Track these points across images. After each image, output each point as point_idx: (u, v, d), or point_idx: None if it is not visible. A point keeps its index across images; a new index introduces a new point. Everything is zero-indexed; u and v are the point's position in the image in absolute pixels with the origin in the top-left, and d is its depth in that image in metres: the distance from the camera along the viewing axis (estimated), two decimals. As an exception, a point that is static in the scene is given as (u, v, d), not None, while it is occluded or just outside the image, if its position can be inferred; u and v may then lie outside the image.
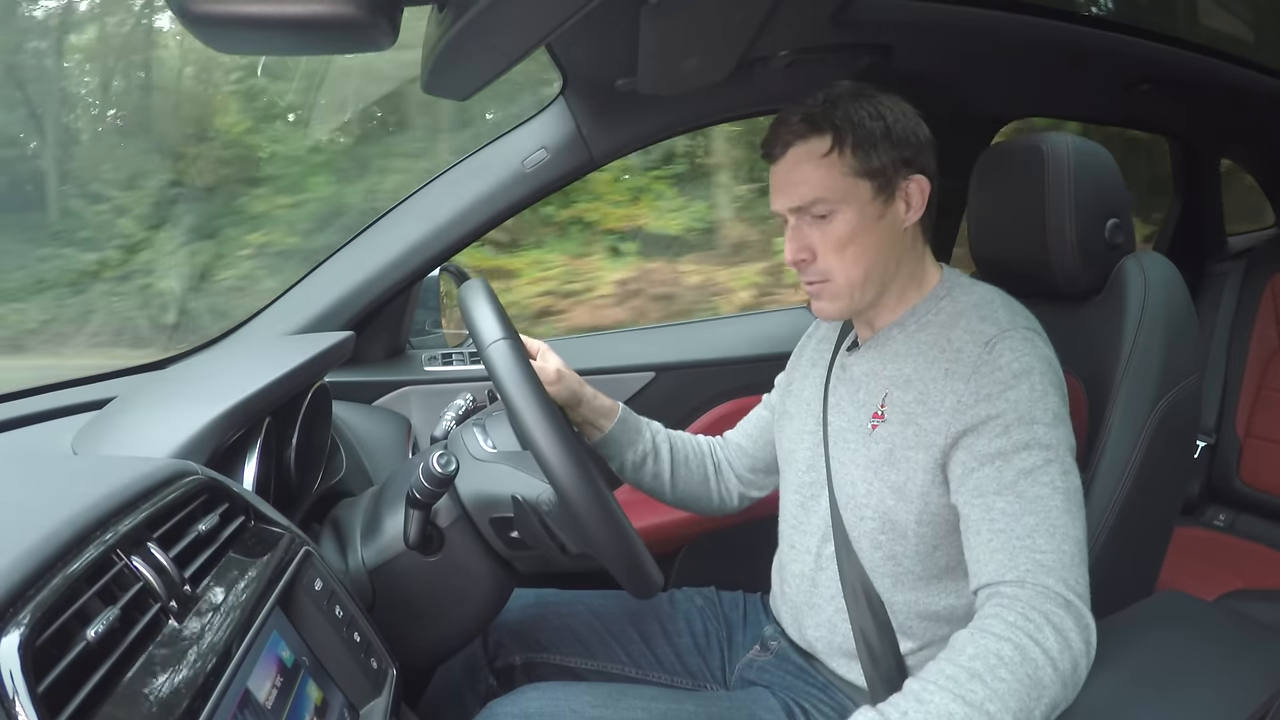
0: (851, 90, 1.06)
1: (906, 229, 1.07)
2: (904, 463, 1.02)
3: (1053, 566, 0.86)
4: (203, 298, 3.38)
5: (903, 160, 1.04)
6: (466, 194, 1.60)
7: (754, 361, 1.87)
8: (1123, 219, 1.24)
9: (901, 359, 1.07)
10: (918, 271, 1.10)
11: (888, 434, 1.04)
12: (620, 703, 1.06)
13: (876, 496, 1.04)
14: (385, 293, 1.62)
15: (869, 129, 1.03)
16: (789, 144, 1.05)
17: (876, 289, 1.07)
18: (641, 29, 1.15)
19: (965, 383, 0.97)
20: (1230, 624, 1.05)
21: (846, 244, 1.04)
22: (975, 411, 0.95)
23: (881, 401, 1.06)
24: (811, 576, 1.14)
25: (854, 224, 1.03)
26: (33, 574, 0.56)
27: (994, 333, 0.99)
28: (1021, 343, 0.98)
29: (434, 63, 0.80)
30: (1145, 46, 1.55)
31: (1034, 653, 0.81)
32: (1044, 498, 0.90)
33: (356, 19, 0.60)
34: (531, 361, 1.02)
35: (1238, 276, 2.23)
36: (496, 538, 1.04)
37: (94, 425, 1.07)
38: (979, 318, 1.02)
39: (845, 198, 1.03)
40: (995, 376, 0.96)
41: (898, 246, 1.07)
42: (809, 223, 1.05)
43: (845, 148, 1.03)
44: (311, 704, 0.75)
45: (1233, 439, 2.13)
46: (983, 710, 0.77)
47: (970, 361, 0.98)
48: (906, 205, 1.06)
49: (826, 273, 1.06)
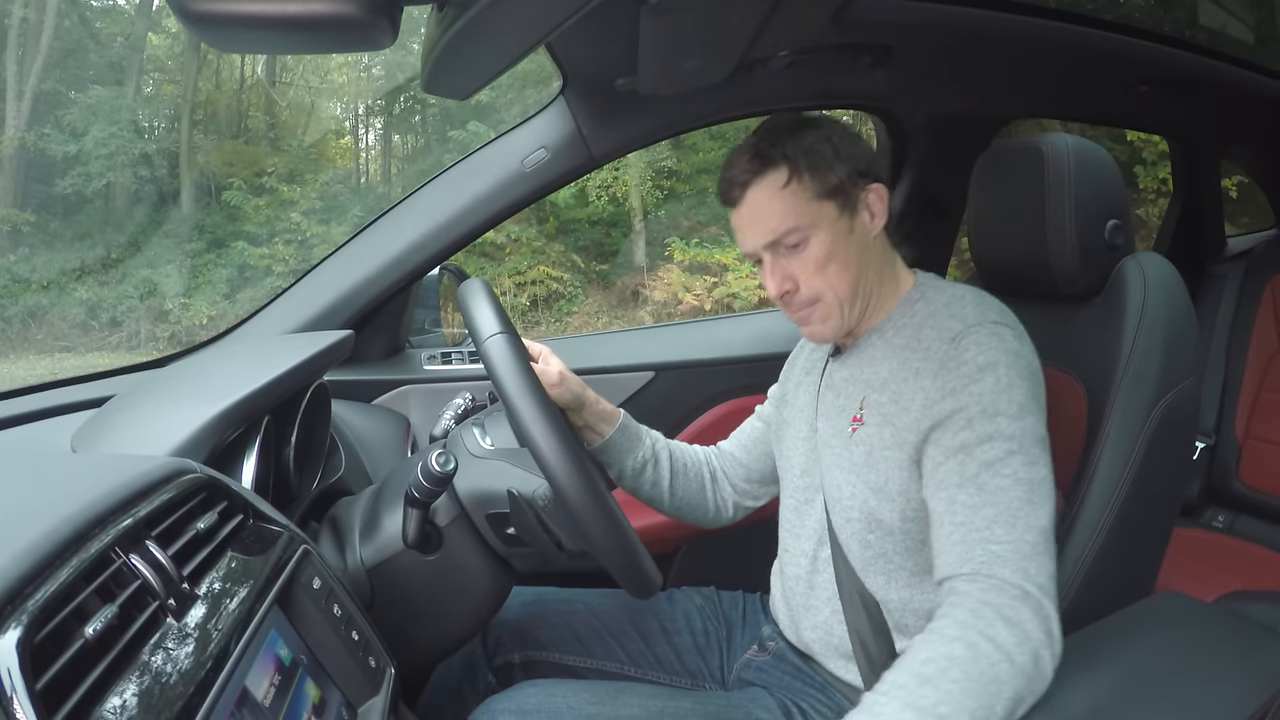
0: (786, 123, 1.08)
1: (875, 237, 1.09)
2: (882, 463, 1.03)
3: (1009, 558, 0.87)
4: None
5: (857, 173, 1.07)
6: (466, 193, 1.60)
7: (753, 361, 1.87)
8: (1122, 220, 1.24)
9: (878, 363, 1.08)
10: (890, 278, 1.12)
11: (865, 436, 1.05)
12: (617, 700, 1.07)
13: (860, 498, 1.06)
14: (385, 292, 1.62)
15: (818, 152, 1.05)
16: (746, 184, 1.07)
17: (863, 301, 1.09)
18: (641, 29, 1.15)
19: (932, 379, 0.99)
20: (1229, 625, 1.05)
21: (826, 263, 1.06)
22: (941, 406, 0.97)
23: (860, 405, 1.08)
24: (808, 579, 1.15)
25: (828, 244, 1.05)
26: (31, 571, 0.57)
27: (960, 329, 1.00)
28: (988, 337, 0.99)
29: (434, 62, 0.80)
30: (1145, 47, 1.55)
31: (986, 649, 0.81)
32: (1005, 489, 0.91)
33: (356, 18, 0.60)
34: (534, 365, 1.03)
35: (1237, 278, 2.23)
36: (493, 534, 1.04)
37: (93, 423, 1.07)
38: (949, 315, 1.03)
39: (814, 221, 1.05)
40: (960, 371, 0.97)
41: (872, 256, 1.09)
42: (784, 254, 1.07)
43: (802, 174, 1.05)
44: (309, 702, 0.76)
45: (1232, 440, 2.13)
46: (935, 714, 0.76)
47: (937, 358, 1.00)
48: (870, 214, 1.08)
49: (814, 295, 1.07)
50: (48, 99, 9.84)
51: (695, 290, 9.56)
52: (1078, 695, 0.89)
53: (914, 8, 1.29)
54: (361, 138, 12.12)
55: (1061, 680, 0.91)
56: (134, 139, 9.85)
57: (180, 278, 9.40)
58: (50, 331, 9.06)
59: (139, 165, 9.85)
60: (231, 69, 10.96)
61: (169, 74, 10.89)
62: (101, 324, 9.21)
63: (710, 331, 2.12)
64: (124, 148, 9.64)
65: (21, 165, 9.69)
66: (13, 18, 9.76)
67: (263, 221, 9.76)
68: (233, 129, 10.84)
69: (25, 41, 9.83)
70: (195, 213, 9.97)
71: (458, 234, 1.61)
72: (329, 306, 1.60)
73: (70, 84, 10.12)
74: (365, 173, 11.89)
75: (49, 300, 9.05)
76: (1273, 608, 1.64)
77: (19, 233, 9.41)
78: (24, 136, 9.61)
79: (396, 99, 11.61)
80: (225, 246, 9.66)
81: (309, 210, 9.83)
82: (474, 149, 1.65)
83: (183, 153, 10.19)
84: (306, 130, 11.37)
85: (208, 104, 10.76)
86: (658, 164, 10.01)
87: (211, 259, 9.62)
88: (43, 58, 9.74)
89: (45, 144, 9.62)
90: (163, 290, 9.29)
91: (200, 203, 10.07)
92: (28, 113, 9.70)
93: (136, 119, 10.11)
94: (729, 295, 9.45)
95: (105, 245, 9.39)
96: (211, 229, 9.86)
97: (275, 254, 9.56)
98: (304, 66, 11.27)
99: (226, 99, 10.95)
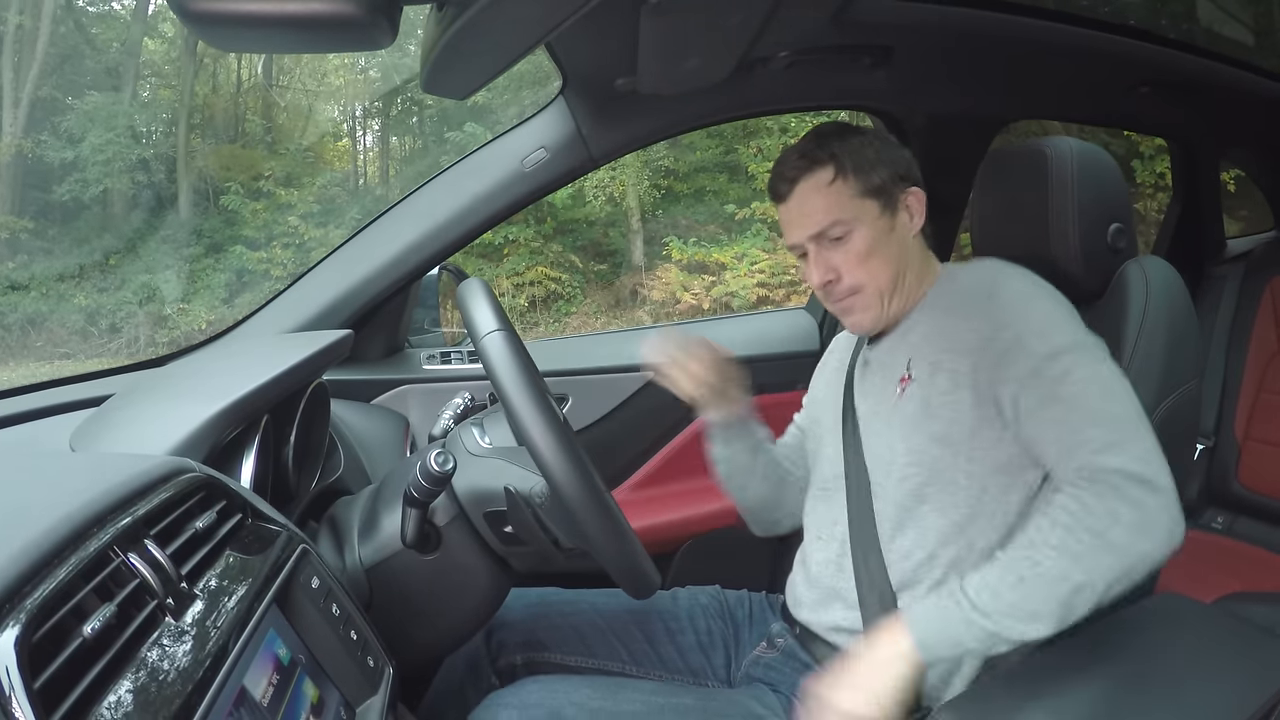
0: (834, 127, 1.16)
1: (914, 237, 1.16)
2: (943, 409, 1.06)
3: (1104, 449, 0.93)
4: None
5: (898, 176, 1.15)
6: (465, 193, 1.60)
7: (754, 361, 1.86)
8: (1125, 224, 1.25)
9: (919, 327, 1.14)
10: (928, 273, 1.18)
11: (918, 390, 1.09)
12: (619, 695, 1.07)
13: (917, 453, 1.08)
14: (384, 291, 1.62)
15: (863, 154, 1.13)
16: (794, 180, 1.14)
17: (902, 295, 1.16)
18: (641, 29, 1.15)
19: (982, 319, 1.06)
20: (1228, 627, 1.05)
21: (868, 257, 1.13)
22: (997, 342, 1.03)
23: (906, 366, 1.12)
24: (837, 562, 1.16)
25: (871, 238, 1.12)
26: (29, 570, 0.56)
27: (994, 274, 1.10)
28: (1020, 278, 1.08)
29: (433, 62, 0.80)
30: (1145, 49, 1.56)
31: (1087, 520, 0.90)
32: (1079, 394, 0.97)
33: (356, 17, 0.60)
34: (686, 354, 1.19)
35: (1237, 279, 2.23)
36: (491, 533, 1.04)
37: (92, 422, 1.07)
38: (978, 276, 1.12)
39: (857, 216, 1.12)
40: (1006, 308, 1.05)
41: (910, 252, 1.16)
42: (828, 246, 1.14)
43: (847, 173, 1.12)
44: (308, 702, 0.75)
45: (1231, 442, 2.13)
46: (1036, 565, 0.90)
47: (980, 305, 1.07)
48: (910, 215, 1.16)
49: (856, 286, 1.14)
50: (44, 105, 9.83)
51: (693, 289, 9.56)
52: (1078, 696, 0.89)
53: (914, 9, 1.30)
54: (359, 140, 12.12)
55: (1062, 681, 0.91)
56: (131, 144, 9.83)
57: (179, 283, 9.39)
58: (50, 338, 9.05)
59: (136, 171, 9.83)
60: (228, 72, 10.95)
61: (165, 79, 10.87)
62: (101, 330, 9.19)
63: (710, 332, 2.11)
64: (121, 153, 9.62)
65: (19, 172, 9.67)
66: (8, 24, 9.75)
67: (260, 225, 9.74)
68: (230, 133, 10.82)
69: (21, 48, 9.81)
70: (193, 217, 9.96)
71: (457, 234, 1.61)
72: (328, 306, 1.60)
73: (67, 90, 10.10)
74: (363, 175, 11.88)
75: (48, 307, 9.03)
76: (1272, 609, 1.64)
77: (17, 240, 9.39)
78: (21, 143, 9.59)
79: (394, 101, 11.60)
80: (223, 251, 9.64)
81: (307, 214, 9.81)
82: (473, 149, 1.65)
83: (180, 157, 10.17)
84: (304, 133, 11.36)
85: (204, 108, 10.74)
86: (655, 163, 10.01)
87: (210, 263, 9.60)
88: (39, 64, 9.73)
89: (42, 150, 9.60)
90: (162, 296, 9.28)
91: (198, 207, 10.06)
92: (24, 119, 9.68)
93: (133, 124, 10.09)
94: (727, 294, 9.45)
95: (103, 251, 9.37)
96: (209, 233, 9.85)
97: (273, 258, 9.54)
98: (301, 69, 11.26)
99: (223, 103, 10.93)
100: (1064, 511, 0.92)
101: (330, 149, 11.53)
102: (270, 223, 9.75)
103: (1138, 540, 0.89)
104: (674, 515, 1.76)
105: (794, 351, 1.82)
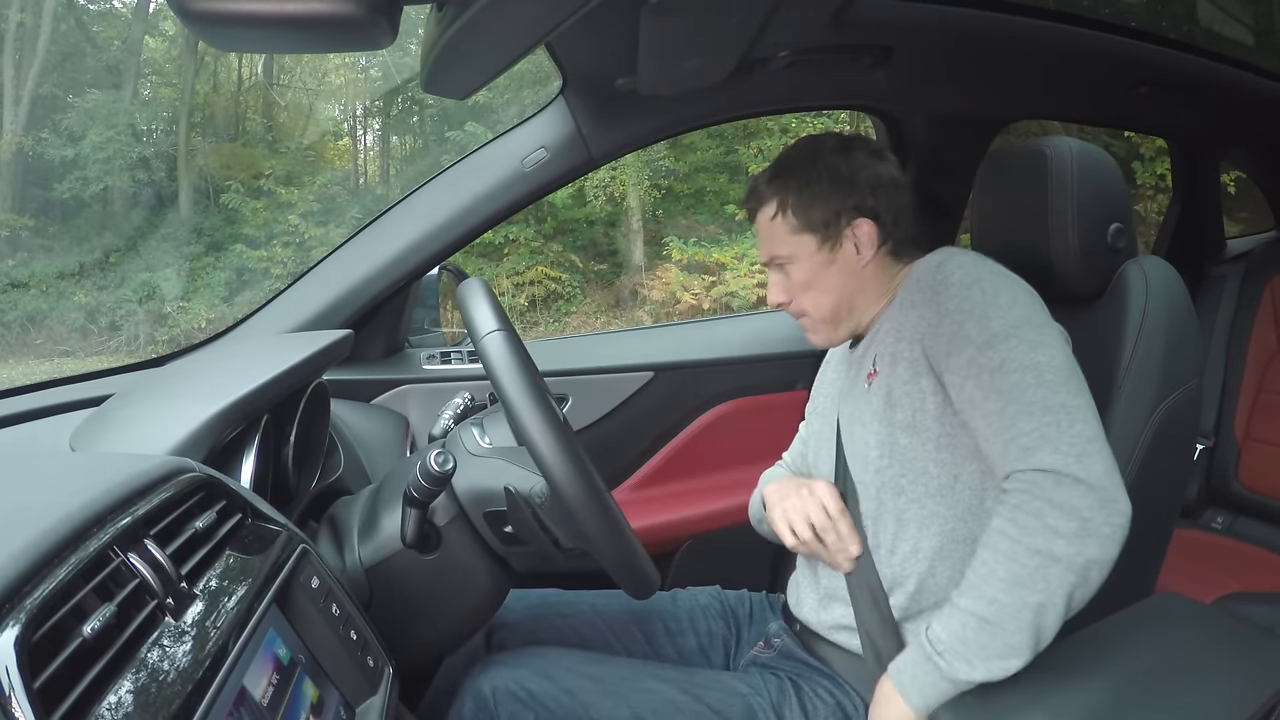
0: (800, 154, 1.20)
1: (864, 266, 1.18)
2: (905, 398, 1.08)
3: (1036, 446, 0.94)
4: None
5: (845, 209, 1.16)
6: (465, 193, 1.60)
7: (753, 362, 1.87)
8: (1125, 224, 1.25)
9: (885, 326, 1.17)
10: (889, 283, 1.20)
11: (881, 381, 1.11)
12: (607, 663, 1.13)
13: (887, 445, 1.09)
14: (384, 291, 1.61)
15: (807, 190, 1.16)
16: (752, 210, 1.23)
17: (852, 318, 1.20)
18: (641, 29, 1.15)
19: (927, 306, 1.08)
20: (1228, 626, 1.05)
21: (807, 288, 1.19)
22: (941, 329, 1.05)
23: (872, 362, 1.14)
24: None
25: (808, 270, 1.18)
26: (29, 570, 0.56)
27: (940, 259, 1.12)
28: (969, 260, 1.09)
29: (433, 62, 0.80)
30: (1145, 49, 1.55)
31: (1026, 540, 0.91)
32: (1015, 384, 0.97)
33: (356, 17, 0.60)
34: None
35: (1237, 279, 2.23)
36: (491, 533, 1.04)
37: (92, 422, 1.07)
38: (930, 264, 1.14)
39: (793, 252, 1.18)
40: (948, 292, 1.06)
41: (860, 279, 1.18)
42: (778, 270, 1.21)
43: (786, 210, 1.17)
44: (308, 702, 0.75)
45: (1231, 441, 2.13)
46: (992, 605, 0.91)
47: (927, 289, 1.09)
48: (857, 247, 1.17)
49: (801, 310, 1.21)
50: (45, 103, 9.82)
51: (693, 289, 9.56)
52: (1078, 696, 0.90)
53: (914, 9, 1.30)
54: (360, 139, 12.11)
55: (1061, 681, 0.91)
56: (132, 143, 9.83)
57: (179, 281, 9.38)
58: (49, 336, 9.04)
59: (137, 169, 9.82)
60: (229, 71, 10.95)
61: (166, 77, 10.86)
62: (101, 328, 9.18)
63: (709, 332, 2.12)
64: (122, 151, 9.61)
65: (19, 170, 9.66)
66: (9, 22, 9.74)
67: (261, 224, 9.74)
68: (230, 131, 10.81)
69: (22, 46, 9.80)
70: (193, 216, 9.95)
71: (457, 234, 1.61)
72: (328, 306, 1.60)
73: (67, 88, 10.09)
74: (364, 174, 11.87)
75: (48, 304, 9.02)
76: (1271, 609, 1.64)
77: (17, 237, 9.38)
78: (21, 141, 9.59)
79: (395, 100, 11.59)
80: (223, 249, 9.63)
81: (307, 212, 9.81)
82: (473, 149, 1.65)
83: (180, 156, 10.16)
84: (305, 132, 11.35)
85: (205, 107, 10.73)
86: (655, 163, 10.00)
87: (210, 262, 9.60)
88: (40, 62, 9.72)
89: (43, 148, 9.59)
90: (162, 294, 9.27)
91: (198, 206, 10.05)
92: (25, 117, 9.68)
93: (134, 122, 10.08)
94: (727, 294, 9.45)
95: (104, 249, 9.36)
96: (210, 232, 9.84)
97: (273, 256, 9.54)
98: (302, 68, 11.25)
99: (224, 101, 10.92)
100: (1003, 538, 0.92)
101: (331, 148, 11.52)
102: (270, 221, 9.74)
103: (1082, 548, 0.89)
104: (674, 515, 1.76)
105: (794, 351, 1.82)
